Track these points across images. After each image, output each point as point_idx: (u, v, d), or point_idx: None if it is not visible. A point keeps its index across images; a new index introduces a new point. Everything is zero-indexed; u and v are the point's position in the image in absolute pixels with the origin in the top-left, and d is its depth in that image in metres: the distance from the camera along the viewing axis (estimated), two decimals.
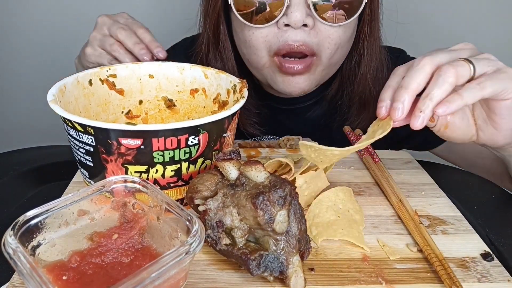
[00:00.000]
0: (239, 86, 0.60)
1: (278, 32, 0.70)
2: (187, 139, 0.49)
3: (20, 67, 1.47)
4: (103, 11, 1.45)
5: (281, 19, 0.68)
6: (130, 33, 0.71)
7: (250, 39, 0.73)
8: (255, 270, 0.42)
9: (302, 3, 0.67)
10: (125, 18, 0.75)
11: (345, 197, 0.55)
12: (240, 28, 0.74)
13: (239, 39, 0.77)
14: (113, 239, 0.43)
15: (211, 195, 0.47)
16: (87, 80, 0.62)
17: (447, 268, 0.46)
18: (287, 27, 0.69)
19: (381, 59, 0.81)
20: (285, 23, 0.68)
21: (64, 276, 0.39)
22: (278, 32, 0.70)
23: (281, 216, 0.42)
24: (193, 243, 0.38)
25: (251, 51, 0.74)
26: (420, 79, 0.47)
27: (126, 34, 0.71)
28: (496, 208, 0.66)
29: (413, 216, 0.55)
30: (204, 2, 0.79)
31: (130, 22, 0.74)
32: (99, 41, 0.72)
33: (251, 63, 0.78)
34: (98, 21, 0.75)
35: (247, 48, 0.75)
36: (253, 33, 0.72)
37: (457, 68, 0.46)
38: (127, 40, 0.70)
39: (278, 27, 0.70)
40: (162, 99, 0.68)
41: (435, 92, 0.46)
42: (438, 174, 0.68)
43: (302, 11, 0.67)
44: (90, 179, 0.53)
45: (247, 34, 0.73)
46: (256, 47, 0.73)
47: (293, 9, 0.67)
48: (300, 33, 0.69)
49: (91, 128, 0.47)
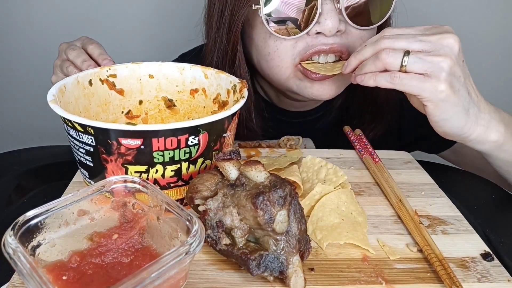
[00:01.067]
0: (239, 86, 0.60)
1: (309, 40, 0.68)
2: (187, 139, 0.49)
3: (20, 67, 1.47)
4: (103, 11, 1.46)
5: (313, 27, 0.66)
6: (79, 52, 0.70)
7: (277, 49, 0.69)
8: (255, 270, 0.42)
9: (334, 10, 0.65)
10: (82, 40, 0.74)
11: (347, 199, 0.55)
12: (263, 41, 0.71)
13: (259, 53, 0.73)
14: (113, 239, 0.43)
15: (211, 195, 0.47)
16: (87, 80, 0.62)
17: (447, 268, 0.46)
18: (318, 34, 0.67)
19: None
20: (318, 31, 0.66)
21: (64, 276, 0.39)
22: (309, 40, 0.68)
23: (281, 216, 0.42)
24: (193, 243, 0.38)
25: (276, 63, 0.71)
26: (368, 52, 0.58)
27: (75, 53, 0.70)
28: (496, 208, 0.66)
29: (413, 216, 0.55)
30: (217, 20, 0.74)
31: (85, 42, 0.73)
32: (59, 67, 0.72)
33: (274, 75, 0.74)
34: (58, 48, 0.75)
35: (271, 61, 0.71)
36: (281, 43, 0.69)
37: (389, 59, 0.55)
38: (76, 59, 0.69)
39: (309, 35, 0.67)
40: (162, 99, 0.68)
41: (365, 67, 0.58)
42: (438, 174, 0.68)
43: (335, 18, 0.64)
44: (90, 179, 0.53)
45: (273, 45, 0.69)
46: (282, 57, 0.70)
47: (326, 16, 0.64)
48: (332, 38, 0.67)
49: (91, 128, 0.47)
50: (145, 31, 1.44)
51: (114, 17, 1.42)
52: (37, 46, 1.44)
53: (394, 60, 0.54)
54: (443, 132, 0.59)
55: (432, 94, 0.54)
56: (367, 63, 0.57)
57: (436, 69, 0.53)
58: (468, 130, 0.57)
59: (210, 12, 0.76)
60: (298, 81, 0.72)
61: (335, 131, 0.84)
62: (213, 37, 0.76)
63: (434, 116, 0.56)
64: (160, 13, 1.42)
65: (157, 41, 1.40)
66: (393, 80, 0.55)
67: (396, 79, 0.55)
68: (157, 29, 1.42)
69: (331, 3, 0.65)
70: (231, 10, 0.71)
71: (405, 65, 0.54)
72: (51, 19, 1.40)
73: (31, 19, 1.40)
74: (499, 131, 0.59)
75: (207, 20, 0.78)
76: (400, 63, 0.54)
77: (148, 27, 1.44)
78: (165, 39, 1.37)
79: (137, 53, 1.41)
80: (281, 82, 0.74)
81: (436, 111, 0.56)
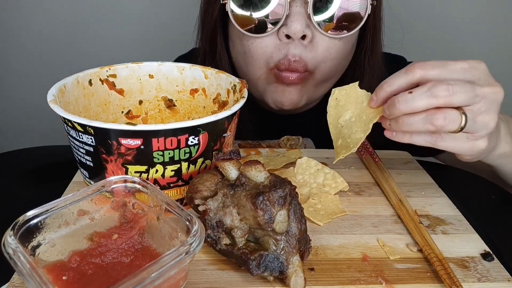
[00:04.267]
0: (239, 86, 0.60)
1: (280, 44, 0.69)
2: (187, 139, 0.49)
3: (20, 67, 1.47)
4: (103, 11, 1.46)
5: (280, 29, 0.67)
6: None
7: (249, 49, 0.71)
8: (255, 270, 0.42)
9: (302, 13, 0.65)
10: None
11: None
12: (239, 39, 0.72)
13: (236, 50, 0.75)
14: (113, 239, 0.43)
15: (211, 195, 0.47)
16: (87, 80, 0.62)
17: (447, 268, 0.46)
18: (289, 40, 0.67)
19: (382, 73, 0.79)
20: (285, 34, 0.67)
21: (64, 276, 0.39)
22: (280, 44, 0.69)
23: (281, 216, 0.42)
24: (193, 243, 0.38)
25: (249, 62, 0.72)
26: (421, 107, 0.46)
27: None
28: (496, 208, 0.66)
29: (413, 216, 0.55)
30: (202, 14, 0.78)
31: None
32: None
33: (247, 74, 0.76)
34: None
35: (245, 59, 0.73)
36: (252, 43, 0.70)
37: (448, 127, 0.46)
38: None
39: (280, 39, 0.68)
40: (162, 99, 0.68)
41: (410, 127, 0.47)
42: (438, 174, 0.68)
43: (302, 21, 0.65)
44: (90, 179, 0.53)
45: (246, 44, 0.71)
46: (254, 57, 0.71)
47: (292, 18, 0.65)
48: (299, 47, 0.67)
49: (91, 128, 0.47)
50: (145, 31, 1.44)
51: (114, 17, 1.42)
52: (37, 46, 1.44)
53: (452, 127, 0.46)
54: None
55: (473, 153, 0.50)
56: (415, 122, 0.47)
57: (483, 129, 0.48)
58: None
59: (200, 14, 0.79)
60: (266, 84, 0.74)
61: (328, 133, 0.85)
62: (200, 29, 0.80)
63: (465, 159, 0.53)
64: (160, 13, 1.42)
65: (157, 41, 1.40)
66: (436, 143, 0.48)
67: (440, 141, 0.48)
68: (157, 29, 1.42)
69: (300, 6, 0.66)
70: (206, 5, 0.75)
71: (460, 129, 0.47)
72: (51, 19, 1.41)
73: (31, 19, 1.41)
74: (507, 142, 0.57)
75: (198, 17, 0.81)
76: (458, 130, 0.47)
77: (148, 27, 1.44)
78: (165, 39, 1.37)
79: (137, 53, 1.41)
80: (252, 82, 0.75)
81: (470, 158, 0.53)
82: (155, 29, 1.43)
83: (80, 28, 1.42)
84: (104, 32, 1.43)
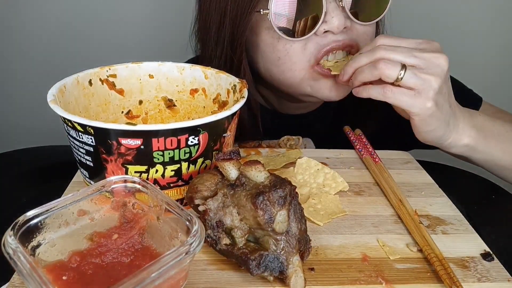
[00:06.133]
0: (239, 86, 0.60)
1: (318, 39, 0.68)
2: (187, 139, 0.49)
3: (20, 67, 1.47)
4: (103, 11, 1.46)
5: (321, 26, 0.66)
6: None
7: (287, 52, 0.69)
8: (255, 270, 0.42)
9: (338, 8, 0.66)
10: None
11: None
12: (271, 46, 0.70)
13: (267, 60, 0.72)
14: (113, 239, 0.43)
15: (211, 195, 0.46)
16: (87, 80, 0.62)
17: (447, 268, 0.46)
18: (327, 33, 0.68)
19: None
20: (325, 30, 0.67)
21: (64, 276, 0.39)
22: (318, 39, 0.68)
23: (281, 216, 0.42)
24: (193, 243, 0.38)
25: (287, 66, 0.71)
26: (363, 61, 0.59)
27: None
28: (496, 208, 0.66)
29: (413, 216, 0.55)
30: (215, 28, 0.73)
31: None
32: None
33: (285, 80, 0.73)
34: None
35: (282, 65, 0.71)
36: (291, 46, 0.69)
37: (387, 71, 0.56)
38: None
39: (317, 35, 0.68)
40: (162, 99, 0.68)
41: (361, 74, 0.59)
42: (438, 174, 0.68)
43: (341, 15, 0.66)
44: (90, 179, 0.53)
45: (283, 49, 0.69)
46: (294, 60, 0.70)
47: (332, 14, 0.66)
48: (341, 35, 0.68)
49: (91, 128, 0.47)
50: (145, 31, 1.44)
51: (114, 17, 1.42)
52: (37, 46, 1.44)
53: (391, 72, 0.56)
54: (423, 139, 0.64)
55: (420, 110, 0.58)
56: (363, 70, 0.59)
57: (427, 87, 0.56)
58: (445, 137, 0.63)
59: (206, 24, 0.75)
60: (313, 83, 0.72)
61: (334, 131, 0.85)
62: (211, 49, 0.75)
63: (419, 128, 0.61)
64: (160, 13, 1.42)
65: (157, 41, 1.40)
66: (385, 94, 0.58)
67: (389, 92, 0.57)
68: (157, 29, 1.42)
69: (334, 1, 0.66)
70: (232, 19, 0.70)
71: (400, 78, 0.56)
72: (51, 19, 1.40)
73: (31, 19, 1.40)
74: (471, 136, 0.63)
75: (202, 32, 0.77)
76: (396, 76, 0.56)
77: (148, 27, 1.44)
78: (165, 39, 1.37)
79: (137, 53, 1.40)
80: (294, 86, 0.74)
81: (422, 124, 0.60)
82: (155, 29, 1.43)
83: (80, 28, 1.42)
84: (104, 32, 1.43)
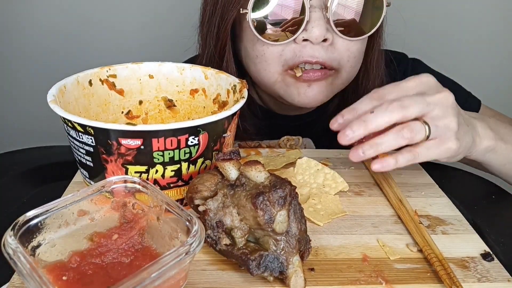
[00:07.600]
0: (239, 86, 0.60)
1: (296, 47, 0.68)
2: (187, 139, 0.49)
3: (20, 67, 1.47)
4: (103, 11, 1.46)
5: (300, 34, 0.66)
6: None
7: (264, 54, 0.70)
8: (255, 270, 0.42)
9: (322, 18, 0.65)
10: None
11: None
12: (252, 43, 0.71)
13: (248, 55, 0.74)
14: (113, 239, 0.43)
15: (211, 195, 0.46)
16: (87, 80, 0.62)
17: (447, 268, 0.46)
18: (306, 42, 0.67)
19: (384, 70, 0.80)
20: (304, 38, 0.67)
21: (64, 276, 0.39)
22: (296, 47, 0.68)
23: (281, 216, 0.42)
24: (193, 243, 0.38)
25: (263, 66, 0.71)
26: (382, 124, 0.51)
27: None
28: (496, 208, 0.66)
29: (413, 216, 0.55)
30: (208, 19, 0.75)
31: None
32: None
33: (261, 79, 0.74)
34: None
35: (258, 64, 0.72)
36: (268, 48, 0.69)
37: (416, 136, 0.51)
38: None
39: (296, 42, 0.68)
40: (162, 99, 0.68)
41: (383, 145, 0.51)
42: (438, 174, 0.68)
43: (323, 26, 0.65)
44: (90, 180, 0.53)
45: (260, 49, 0.70)
46: (269, 62, 0.70)
47: (313, 24, 0.65)
48: (318, 50, 0.67)
49: (91, 129, 0.47)
50: (145, 31, 1.44)
51: (114, 17, 1.42)
52: (37, 46, 1.44)
53: (420, 135, 0.51)
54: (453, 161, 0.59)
55: (447, 154, 0.54)
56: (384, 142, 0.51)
57: (448, 131, 0.53)
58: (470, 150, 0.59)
59: (203, 12, 0.77)
60: (285, 87, 0.73)
61: (334, 131, 0.84)
62: (204, 38, 0.77)
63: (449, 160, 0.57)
64: (160, 13, 1.42)
65: (157, 41, 1.40)
66: (416, 158, 0.53)
67: (418, 155, 0.52)
68: (157, 29, 1.42)
69: (319, 11, 0.65)
70: (221, 11, 0.71)
71: (427, 137, 0.52)
72: (51, 19, 1.40)
73: (31, 19, 1.40)
74: (490, 137, 0.61)
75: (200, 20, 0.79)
76: (424, 137, 0.52)
77: (148, 27, 1.44)
78: (165, 39, 1.37)
79: (137, 53, 1.40)
80: (268, 86, 0.75)
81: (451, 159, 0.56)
82: (155, 29, 1.43)
83: (80, 28, 1.42)
84: (104, 32, 1.43)
